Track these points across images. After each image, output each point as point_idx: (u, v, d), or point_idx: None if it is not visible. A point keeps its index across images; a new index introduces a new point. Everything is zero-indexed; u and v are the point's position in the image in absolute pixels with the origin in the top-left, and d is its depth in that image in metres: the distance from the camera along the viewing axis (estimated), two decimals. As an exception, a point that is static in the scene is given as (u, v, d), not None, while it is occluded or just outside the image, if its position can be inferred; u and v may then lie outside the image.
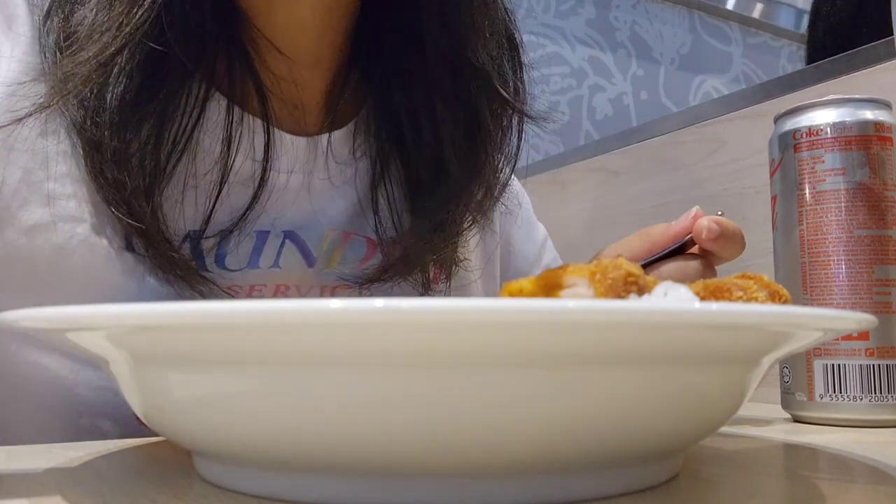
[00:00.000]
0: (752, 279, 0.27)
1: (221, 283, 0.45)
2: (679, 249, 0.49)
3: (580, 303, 0.19)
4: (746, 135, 0.76)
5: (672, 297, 0.24)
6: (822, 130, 0.45)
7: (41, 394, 0.42)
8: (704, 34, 1.87)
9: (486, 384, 0.19)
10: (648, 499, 0.23)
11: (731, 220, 0.47)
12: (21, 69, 0.43)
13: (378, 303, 0.17)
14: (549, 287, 0.24)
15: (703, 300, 0.26)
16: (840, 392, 0.43)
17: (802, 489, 0.26)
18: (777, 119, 0.48)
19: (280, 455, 0.22)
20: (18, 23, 0.45)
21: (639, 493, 0.23)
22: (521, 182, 0.67)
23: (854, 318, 0.23)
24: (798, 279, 0.45)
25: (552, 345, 0.19)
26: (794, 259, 0.45)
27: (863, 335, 0.42)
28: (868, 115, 0.44)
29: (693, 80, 1.84)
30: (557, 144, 1.59)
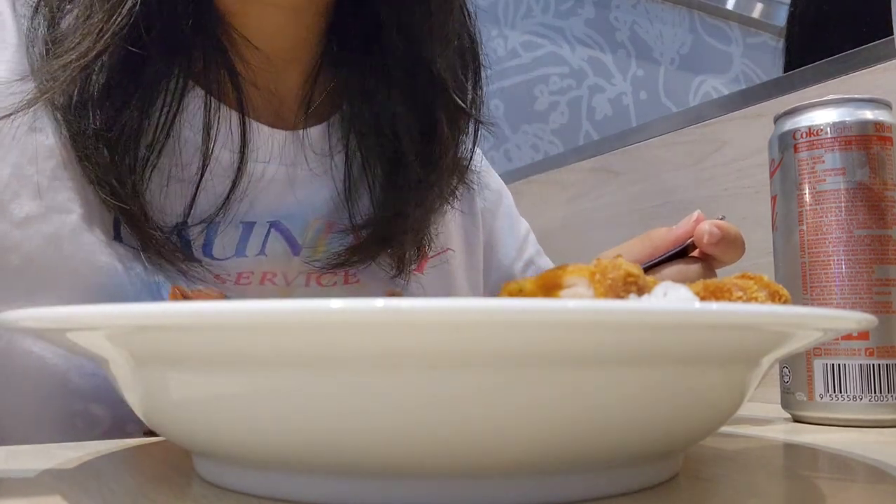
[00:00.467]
0: (752, 279, 0.27)
1: (209, 271, 0.47)
2: (680, 253, 0.49)
3: (580, 303, 0.19)
4: (746, 135, 0.76)
5: (672, 298, 0.24)
6: (822, 130, 0.45)
7: (34, 380, 0.43)
8: (704, 34, 1.87)
9: (486, 384, 0.19)
10: (648, 499, 0.23)
11: (733, 224, 0.47)
12: (7, 71, 0.45)
13: (378, 303, 0.17)
14: (549, 287, 0.24)
15: (703, 300, 0.26)
16: (840, 392, 0.43)
17: (802, 489, 0.26)
18: (777, 119, 0.48)
19: (280, 455, 0.22)
20: (5, 29, 0.47)
21: (639, 493, 0.23)
22: (522, 182, 0.68)
23: (854, 318, 0.23)
24: (798, 279, 0.45)
25: (552, 345, 0.19)
26: (794, 259, 0.45)
27: (863, 335, 0.42)
28: (868, 115, 0.44)
29: (693, 81, 1.83)
30: (557, 144, 1.59)
